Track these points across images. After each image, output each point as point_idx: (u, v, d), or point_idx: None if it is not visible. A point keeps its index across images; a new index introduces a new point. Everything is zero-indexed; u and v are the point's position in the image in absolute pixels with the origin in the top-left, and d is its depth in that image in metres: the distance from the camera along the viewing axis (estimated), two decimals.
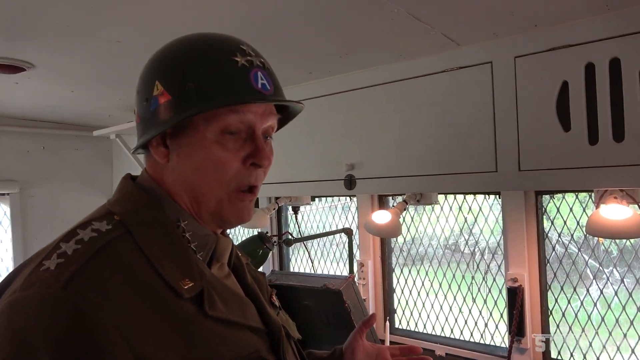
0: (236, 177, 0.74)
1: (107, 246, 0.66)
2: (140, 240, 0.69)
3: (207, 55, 0.73)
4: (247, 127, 0.74)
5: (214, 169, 0.73)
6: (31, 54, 1.74)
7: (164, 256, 0.69)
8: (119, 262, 0.66)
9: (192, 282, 0.69)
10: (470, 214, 2.21)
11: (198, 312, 0.68)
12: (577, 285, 1.91)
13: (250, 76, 0.73)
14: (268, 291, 0.90)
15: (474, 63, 1.60)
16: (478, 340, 2.15)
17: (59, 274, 0.61)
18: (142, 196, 0.76)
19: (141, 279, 0.66)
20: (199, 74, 0.72)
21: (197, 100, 0.71)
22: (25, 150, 3.10)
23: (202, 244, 0.76)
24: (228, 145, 0.73)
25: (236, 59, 0.73)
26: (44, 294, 0.60)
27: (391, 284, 2.41)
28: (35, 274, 0.63)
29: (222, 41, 0.76)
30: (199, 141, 0.73)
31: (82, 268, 0.62)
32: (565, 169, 1.42)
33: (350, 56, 1.78)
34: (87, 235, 0.67)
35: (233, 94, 0.71)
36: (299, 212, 2.66)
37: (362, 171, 1.92)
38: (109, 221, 0.70)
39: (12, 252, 3.05)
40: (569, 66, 1.40)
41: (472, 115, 1.61)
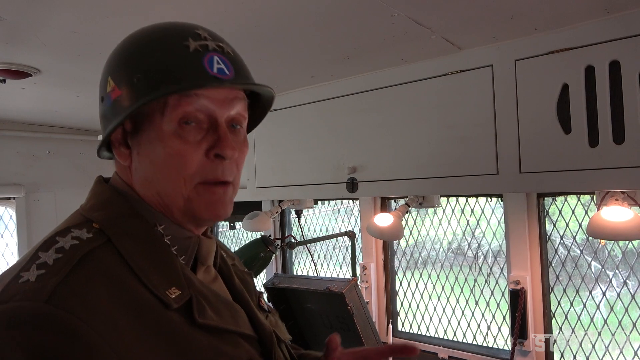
0: (200, 171, 0.68)
1: (90, 255, 0.62)
2: (122, 250, 0.65)
3: (155, 43, 0.68)
4: (208, 116, 0.68)
5: (174, 163, 0.67)
6: (37, 59, 1.76)
7: (148, 266, 0.65)
8: (104, 273, 0.61)
9: (180, 290, 0.66)
10: (472, 217, 2.21)
11: (188, 322, 0.64)
12: (579, 288, 1.91)
13: (204, 61, 0.66)
14: (256, 293, 0.86)
15: (474, 66, 1.61)
16: (481, 343, 2.15)
17: (41, 287, 0.56)
18: (119, 202, 0.71)
19: (128, 290, 0.62)
20: (147, 64, 0.67)
21: (145, 91, 0.66)
22: (31, 155, 3.12)
23: (184, 248, 0.72)
24: (187, 137, 0.67)
25: (187, 43, 0.67)
26: (24, 307, 0.54)
27: (394, 287, 2.42)
28: (12, 286, 0.57)
29: (174, 28, 0.70)
30: (157, 135, 0.67)
31: (65, 279, 0.57)
32: (566, 171, 1.42)
33: (351, 60, 1.79)
34: (67, 243, 0.62)
35: (183, 81, 0.65)
36: (301, 216, 2.67)
37: (364, 174, 1.93)
38: (88, 229, 0.66)
39: (17, 256, 3.08)
40: (569, 69, 1.41)
41: (473, 118, 1.62)
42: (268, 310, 0.85)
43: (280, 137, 2.20)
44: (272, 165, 2.26)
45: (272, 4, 1.32)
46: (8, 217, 3.13)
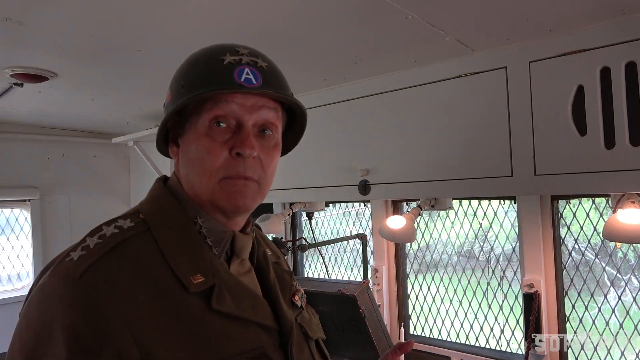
0: (224, 167, 0.76)
1: (125, 242, 0.71)
2: (157, 238, 0.74)
3: (201, 59, 0.79)
4: (236, 120, 0.77)
5: (203, 158, 0.76)
6: (54, 63, 1.79)
7: (179, 252, 0.74)
8: (133, 258, 0.70)
9: (204, 277, 0.73)
10: (485, 220, 2.20)
11: (204, 307, 0.71)
12: (594, 292, 1.89)
13: (235, 72, 0.76)
14: (291, 290, 0.90)
15: (488, 68, 1.60)
16: (494, 347, 2.13)
17: (78, 265, 0.67)
18: (167, 196, 0.81)
19: (152, 274, 0.70)
20: (191, 74, 0.78)
21: (185, 95, 0.77)
22: (45, 158, 3.17)
23: (218, 240, 0.79)
24: (215, 136, 0.76)
25: (223, 57, 0.77)
26: (63, 282, 0.67)
27: (405, 290, 2.41)
28: (62, 263, 0.70)
29: (220, 46, 0.80)
30: (193, 134, 0.78)
31: (98, 261, 0.68)
32: (582, 173, 1.41)
33: (364, 63, 1.80)
34: (109, 232, 0.73)
35: (212, 87, 0.75)
36: (313, 218, 2.67)
37: (376, 176, 1.93)
38: (132, 219, 0.76)
39: (32, 256, 3.11)
40: (584, 70, 1.41)
41: (487, 120, 1.61)
42: (301, 307, 0.90)
43: None
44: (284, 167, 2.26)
45: (285, 8, 1.33)
46: (23, 219, 3.17)
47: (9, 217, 3.15)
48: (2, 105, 2.39)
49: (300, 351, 0.83)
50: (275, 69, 0.81)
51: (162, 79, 0.84)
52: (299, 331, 0.85)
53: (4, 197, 3.02)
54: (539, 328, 1.85)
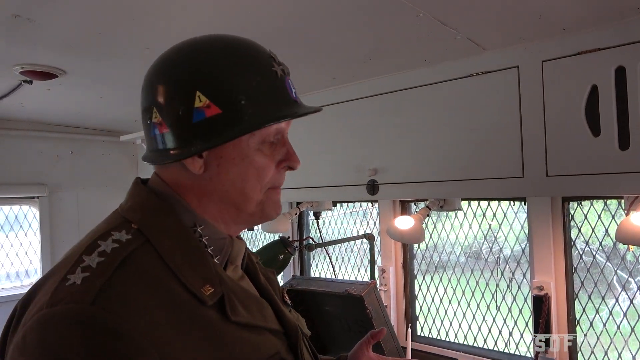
0: (272, 179, 0.77)
1: (130, 257, 0.66)
2: (160, 249, 0.69)
3: (249, 66, 0.73)
4: (278, 133, 0.77)
5: (257, 175, 0.75)
6: (63, 60, 1.79)
7: (185, 264, 0.69)
8: (143, 274, 0.65)
9: (213, 287, 0.69)
10: (494, 221, 2.18)
11: (221, 318, 0.69)
12: (605, 295, 1.86)
13: (287, 86, 0.76)
14: (280, 289, 0.91)
15: (500, 67, 1.58)
16: (502, 349, 2.11)
17: (86, 289, 0.60)
18: (156, 203, 0.75)
19: (166, 289, 0.66)
20: (248, 87, 0.71)
21: (251, 114, 0.71)
22: (54, 155, 3.18)
23: (219, 248, 0.77)
24: (268, 153, 0.76)
25: (274, 69, 0.75)
26: (73, 310, 0.59)
27: (413, 291, 2.39)
28: (61, 289, 0.61)
29: (255, 48, 0.76)
30: (243, 151, 0.73)
31: (108, 282, 0.62)
32: (595, 174, 1.39)
33: (374, 61, 1.78)
34: (109, 247, 0.66)
35: (280, 108, 0.74)
36: (320, 218, 2.66)
37: (384, 176, 1.91)
38: (127, 230, 0.69)
39: (40, 253, 3.13)
40: (598, 70, 1.38)
41: (498, 120, 1.59)
42: (291, 305, 0.91)
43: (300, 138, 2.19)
44: None
45: (294, 6, 1.32)
46: (32, 216, 3.19)
47: (17, 214, 3.16)
48: (12, 102, 2.41)
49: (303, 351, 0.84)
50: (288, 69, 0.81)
51: None
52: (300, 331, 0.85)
53: (12, 194, 3.03)
54: (549, 330, 1.82)
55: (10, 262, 3.14)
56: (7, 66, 1.81)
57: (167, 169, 0.77)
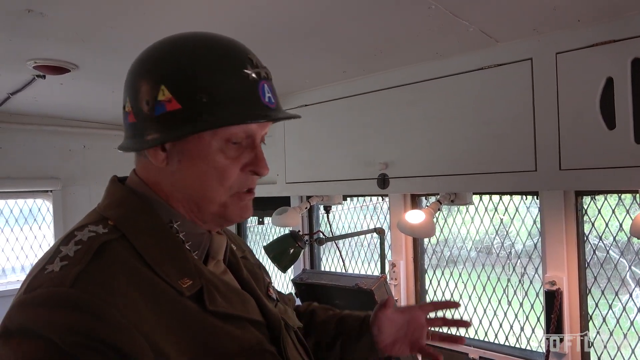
0: (236, 183, 0.76)
1: (107, 245, 0.67)
2: (136, 244, 0.70)
3: (218, 65, 0.72)
4: (248, 137, 0.75)
5: (217, 176, 0.74)
6: (76, 55, 1.81)
7: (161, 259, 0.70)
8: (121, 261, 0.67)
9: (191, 280, 0.71)
10: (506, 215, 2.16)
11: (199, 308, 0.70)
12: (619, 290, 1.84)
13: (259, 90, 0.74)
14: (265, 283, 0.91)
15: (513, 60, 1.56)
16: (513, 344, 2.10)
17: (65, 275, 0.62)
18: (133, 200, 0.76)
19: (144, 278, 0.67)
20: (212, 86, 0.71)
21: (210, 114, 0.71)
22: (67, 149, 3.21)
23: (197, 243, 0.78)
24: (230, 154, 0.74)
25: (247, 71, 0.73)
26: (52, 292, 0.60)
27: (423, 285, 2.38)
28: (39, 277, 0.63)
29: (231, 49, 0.75)
30: (204, 150, 0.73)
31: (86, 267, 0.63)
32: (609, 168, 1.37)
33: (385, 54, 1.77)
34: (85, 236, 0.68)
35: (245, 111, 0.72)
36: (330, 212, 2.66)
37: (395, 170, 1.90)
38: (104, 225, 0.71)
39: None
40: (614, 62, 1.36)
41: (511, 113, 1.57)
42: (277, 299, 0.91)
43: (310, 132, 2.19)
44: (302, 160, 2.25)
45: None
46: (45, 209, 3.23)
47: (31, 208, 3.21)
48: (25, 97, 2.43)
49: (287, 343, 0.84)
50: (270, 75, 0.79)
51: None
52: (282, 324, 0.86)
53: (26, 187, 3.08)
54: (561, 326, 1.81)
55: (25, 254, 3.18)
56: (20, 61, 1.83)
57: (141, 165, 0.79)
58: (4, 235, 3.13)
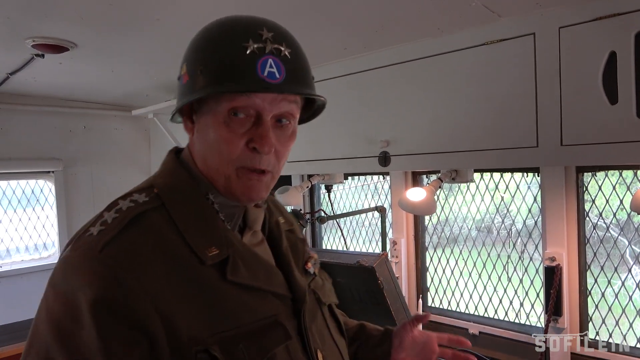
0: (239, 158, 0.76)
1: (141, 216, 0.73)
2: (173, 213, 0.75)
3: (220, 40, 0.75)
4: (256, 112, 0.75)
5: (219, 147, 0.76)
6: (74, 33, 1.79)
7: (193, 226, 0.75)
8: (150, 231, 0.72)
9: (218, 249, 0.74)
10: (507, 193, 2.17)
11: (219, 278, 0.73)
12: (618, 266, 1.85)
13: (258, 64, 0.72)
14: (304, 257, 0.91)
15: (515, 35, 1.55)
16: (513, 319, 2.13)
17: (98, 240, 0.69)
18: (180, 171, 0.81)
19: (170, 247, 0.72)
20: (209, 60, 0.74)
21: (204, 84, 0.74)
22: (68, 130, 3.21)
23: (230, 214, 0.81)
24: (233, 126, 0.75)
25: (246, 44, 0.73)
26: (84, 256, 0.69)
27: (424, 263, 2.41)
28: (82, 238, 0.72)
29: (240, 25, 0.75)
30: (211, 119, 0.76)
31: (117, 235, 0.70)
32: (611, 143, 1.37)
33: (386, 31, 1.75)
34: (125, 205, 0.74)
35: (234, 82, 0.72)
36: (331, 191, 2.67)
37: (396, 148, 1.90)
38: (147, 194, 0.77)
39: (57, 226, 3.20)
40: (617, 36, 1.35)
41: (513, 89, 1.56)
42: (314, 273, 0.91)
43: None
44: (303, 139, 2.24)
45: None
46: (48, 190, 3.24)
47: (34, 188, 3.22)
48: (24, 77, 2.42)
49: (313, 317, 0.85)
50: (299, 55, 0.78)
51: (180, 51, 0.81)
52: (312, 297, 0.87)
53: (28, 168, 3.09)
54: (560, 301, 1.83)
55: (28, 235, 3.21)
56: (19, 39, 1.82)
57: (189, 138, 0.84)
58: (7, 216, 3.15)
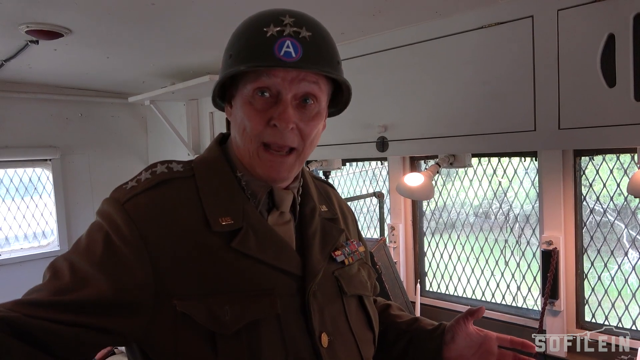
0: (262, 134, 0.81)
1: (169, 181, 0.83)
2: (199, 182, 0.84)
3: (247, 29, 0.82)
4: (277, 91, 0.80)
5: (244, 124, 0.82)
6: (68, 19, 1.77)
7: (214, 196, 0.83)
8: (171, 196, 0.81)
9: (233, 220, 0.81)
10: (504, 178, 2.17)
11: (224, 245, 0.79)
12: (614, 250, 1.87)
13: (275, 45, 0.78)
14: (335, 245, 0.92)
15: (513, 18, 1.54)
16: (510, 303, 2.15)
17: (126, 193, 0.81)
18: (217, 150, 0.90)
19: (183, 213, 0.80)
20: (236, 46, 0.82)
21: (229, 66, 0.82)
22: (64, 118, 3.20)
23: (255, 193, 0.86)
24: (257, 105, 0.81)
25: (266, 29, 0.79)
26: (113, 203, 0.80)
27: (422, 248, 2.42)
28: (120, 188, 0.83)
29: (266, 14, 0.81)
30: (240, 100, 0.83)
31: (140, 193, 0.80)
32: (609, 126, 1.37)
33: (382, 14, 1.74)
34: (160, 170, 0.84)
35: (252, 61, 0.78)
36: (329, 177, 2.67)
37: (394, 133, 1.90)
38: (184, 165, 0.86)
39: (55, 215, 3.20)
40: (616, 18, 1.34)
41: (511, 72, 1.56)
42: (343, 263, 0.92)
43: None
44: None
45: None
46: (45, 178, 3.24)
47: (31, 177, 3.22)
48: (19, 64, 2.40)
49: (330, 303, 0.86)
50: (319, 39, 0.82)
51: (176, 36, 0.83)
52: (334, 284, 0.88)
53: (25, 156, 3.08)
54: (557, 285, 1.85)
55: (27, 223, 3.21)
56: (12, 25, 1.80)
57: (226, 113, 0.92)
58: (5, 205, 3.15)
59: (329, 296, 0.86)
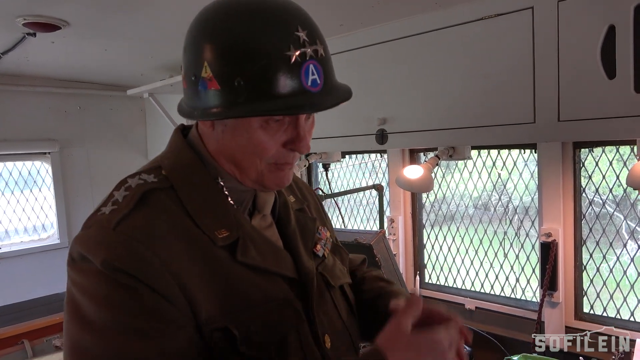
0: (275, 156, 0.76)
1: (151, 193, 0.73)
2: (181, 195, 0.75)
3: (258, 47, 0.68)
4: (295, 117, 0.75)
5: (255, 150, 0.74)
6: (66, 11, 1.76)
7: (203, 210, 0.75)
8: (162, 210, 0.72)
9: (228, 232, 0.75)
10: (504, 170, 2.17)
11: (230, 258, 0.74)
12: (613, 241, 1.87)
13: (302, 72, 0.69)
14: (313, 239, 0.90)
15: (513, 9, 1.53)
16: (509, 295, 2.15)
17: (111, 218, 0.70)
18: (187, 153, 0.80)
19: (182, 225, 0.72)
20: (249, 70, 0.68)
21: (246, 99, 0.68)
22: (63, 111, 3.19)
23: (240, 199, 0.80)
24: (270, 131, 0.73)
25: (289, 53, 0.68)
26: (99, 231, 0.69)
27: (421, 240, 2.42)
28: (93, 217, 0.73)
29: (276, 26, 0.69)
30: (244, 125, 0.73)
31: (130, 212, 0.70)
32: (609, 118, 1.36)
33: (382, 6, 1.72)
34: (134, 183, 0.74)
35: (283, 98, 0.68)
36: (329, 170, 2.66)
37: (394, 125, 1.90)
38: (156, 175, 0.76)
39: (55, 208, 3.20)
40: (617, 9, 1.33)
41: (511, 64, 1.55)
42: (324, 256, 0.90)
43: None
44: None
45: None
46: (45, 172, 3.24)
47: (30, 170, 3.22)
48: (17, 57, 2.39)
49: (322, 301, 0.84)
50: (327, 49, 0.75)
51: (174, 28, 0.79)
52: (320, 281, 0.86)
53: (24, 149, 3.07)
54: (555, 276, 1.85)
55: (27, 217, 3.22)
56: (10, 18, 1.79)
57: (200, 123, 0.81)
58: (5, 198, 3.15)
59: (320, 294, 0.84)
